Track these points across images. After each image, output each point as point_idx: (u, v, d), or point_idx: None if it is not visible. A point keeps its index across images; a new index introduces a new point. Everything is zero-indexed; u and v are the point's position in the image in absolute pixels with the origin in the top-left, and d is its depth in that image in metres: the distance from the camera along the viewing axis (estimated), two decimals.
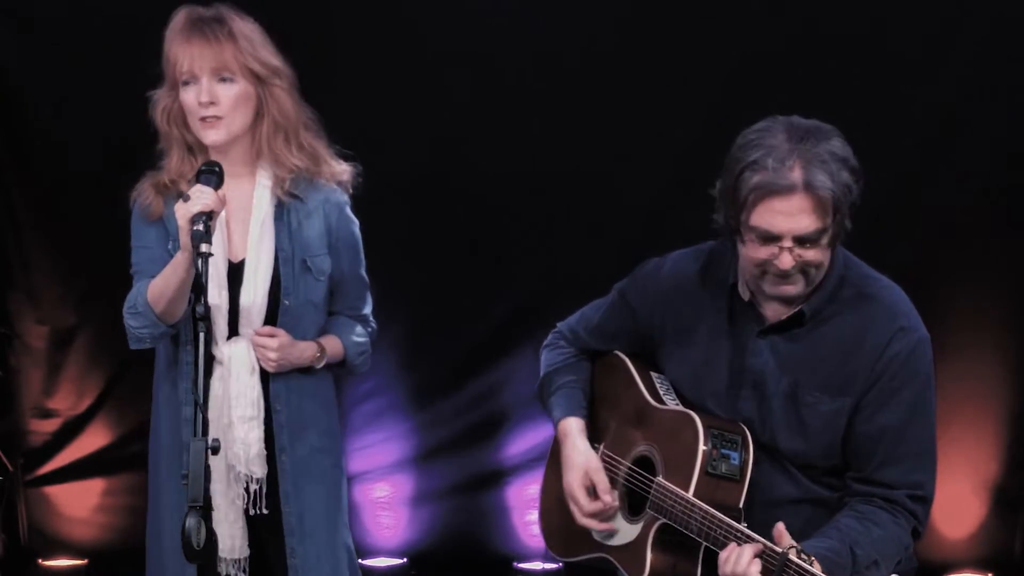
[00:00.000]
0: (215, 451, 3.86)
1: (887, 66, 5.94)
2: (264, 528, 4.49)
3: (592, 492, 4.16)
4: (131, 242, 4.48)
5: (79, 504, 6.44)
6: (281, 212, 4.42)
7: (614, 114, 6.06)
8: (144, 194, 4.44)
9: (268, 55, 4.38)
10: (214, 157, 4.36)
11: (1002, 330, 6.14)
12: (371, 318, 4.63)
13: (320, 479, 4.49)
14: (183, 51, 4.31)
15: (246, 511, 4.43)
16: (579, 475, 4.17)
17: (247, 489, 4.41)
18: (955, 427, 5.97)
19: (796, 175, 3.78)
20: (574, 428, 4.24)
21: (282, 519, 4.45)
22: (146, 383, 4.52)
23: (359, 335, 4.58)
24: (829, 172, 3.79)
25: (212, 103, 4.31)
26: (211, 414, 4.29)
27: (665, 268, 4.19)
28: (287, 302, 4.41)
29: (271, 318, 4.41)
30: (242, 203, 4.41)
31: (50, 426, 6.38)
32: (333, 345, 4.52)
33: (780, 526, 3.81)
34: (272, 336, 4.38)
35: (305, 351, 4.44)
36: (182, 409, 4.41)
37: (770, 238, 3.83)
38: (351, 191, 4.51)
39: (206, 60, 4.30)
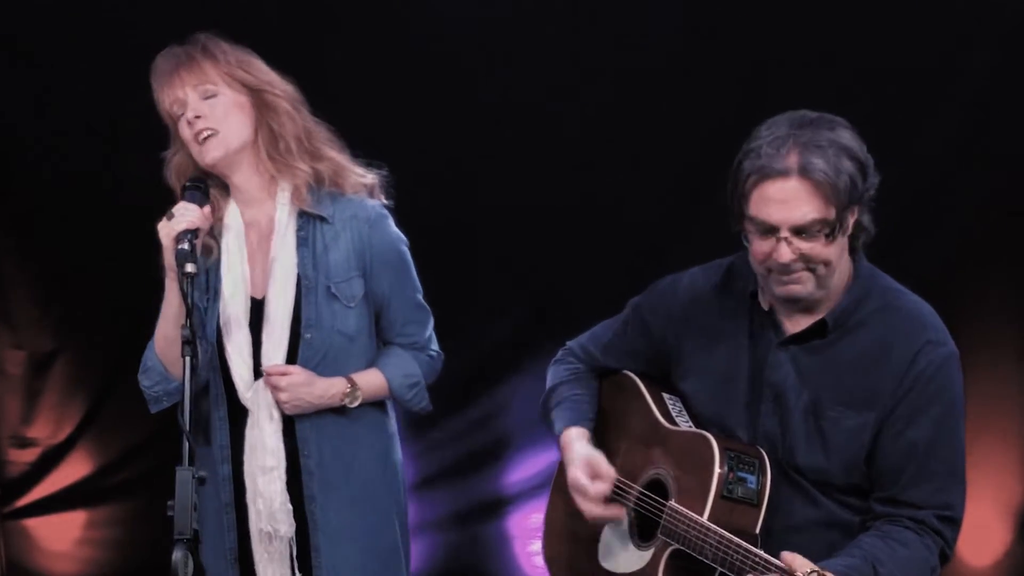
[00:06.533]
0: (201, 482, 3.71)
1: (906, 69, 5.93)
2: None
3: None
4: None
5: (60, 537, 6.44)
6: (306, 237, 4.24)
7: (622, 131, 6.09)
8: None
9: (256, 69, 4.29)
10: (233, 183, 4.26)
11: None
12: (432, 345, 4.41)
13: (361, 534, 4.25)
14: (165, 83, 4.25)
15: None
16: (580, 465, 4.04)
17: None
18: (979, 450, 5.91)
19: (791, 159, 3.73)
20: (574, 435, 4.12)
21: None
22: (129, 410, 4.56)
23: (409, 366, 4.34)
24: (826, 157, 3.72)
25: (199, 117, 4.20)
26: (245, 468, 4.18)
27: (682, 283, 4.13)
28: (308, 335, 4.20)
29: (292, 354, 4.20)
30: (263, 233, 4.26)
31: (28, 456, 6.42)
32: (371, 380, 4.28)
33: (786, 555, 3.67)
34: (284, 374, 4.15)
35: (329, 389, 4.20)
36: (218, 468, 4.21)
37: (768, 229, 3.76)
38: (385, 199, 4.36)
39: (186, 81, 4.22)
